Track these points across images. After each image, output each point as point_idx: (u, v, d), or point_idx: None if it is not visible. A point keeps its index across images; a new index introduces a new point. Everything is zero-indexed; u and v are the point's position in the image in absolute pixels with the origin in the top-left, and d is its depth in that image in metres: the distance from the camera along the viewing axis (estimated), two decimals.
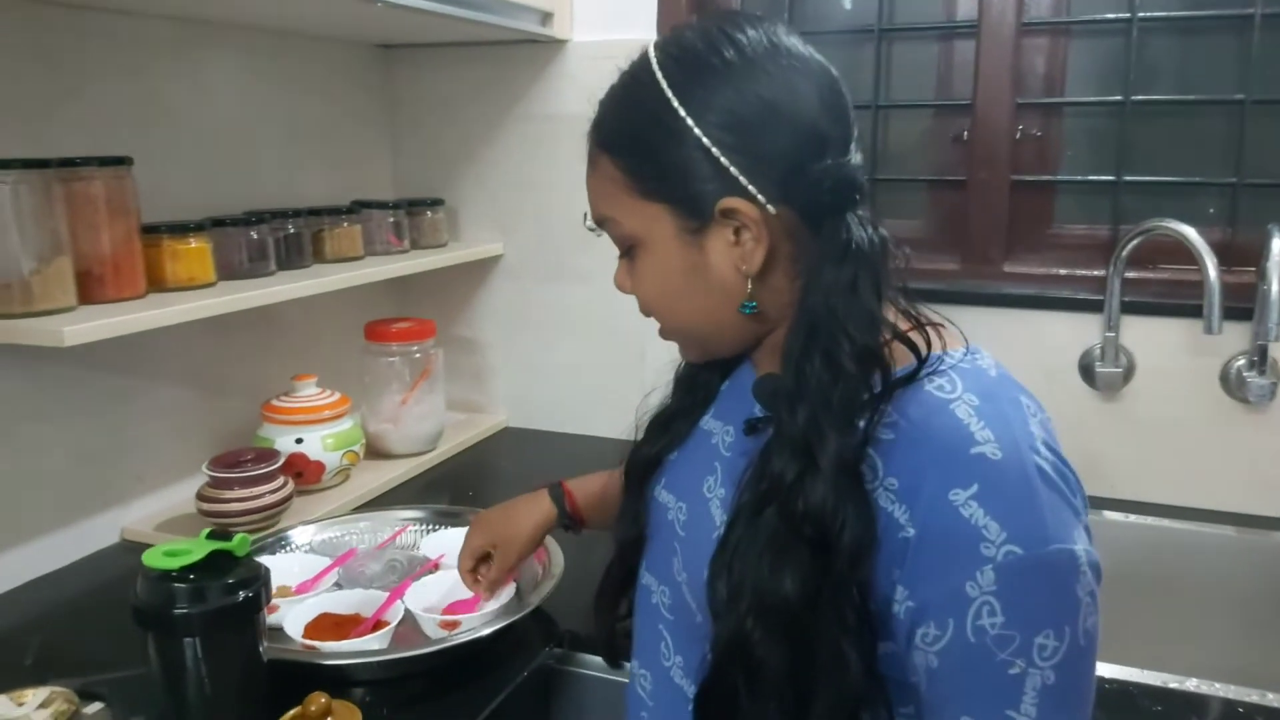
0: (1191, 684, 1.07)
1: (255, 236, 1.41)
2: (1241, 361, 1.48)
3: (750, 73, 0.67)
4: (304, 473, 1.47)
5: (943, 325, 0.72)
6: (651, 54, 0.71)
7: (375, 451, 1.67)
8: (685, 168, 0.68)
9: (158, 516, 1.41)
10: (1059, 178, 1.66)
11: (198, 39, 1.47)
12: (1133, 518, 1.54)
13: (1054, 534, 0.61)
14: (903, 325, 0.69)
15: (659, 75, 0.69)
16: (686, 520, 0.79)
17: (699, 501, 0.77)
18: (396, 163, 1.92)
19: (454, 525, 1.31)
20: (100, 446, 1.36)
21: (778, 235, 0.69)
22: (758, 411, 0.74)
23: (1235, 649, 1.48)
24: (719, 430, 0.80)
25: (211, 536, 0.88)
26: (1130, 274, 1.55)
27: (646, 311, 0.77)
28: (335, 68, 1.76)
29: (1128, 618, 1.55)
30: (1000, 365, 0.72)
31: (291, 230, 1.49)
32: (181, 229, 1.28)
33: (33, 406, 1.27)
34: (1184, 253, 1.40)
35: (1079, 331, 1.57)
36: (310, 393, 1.51)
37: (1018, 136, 1.65)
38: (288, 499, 1.38)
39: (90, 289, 1.18)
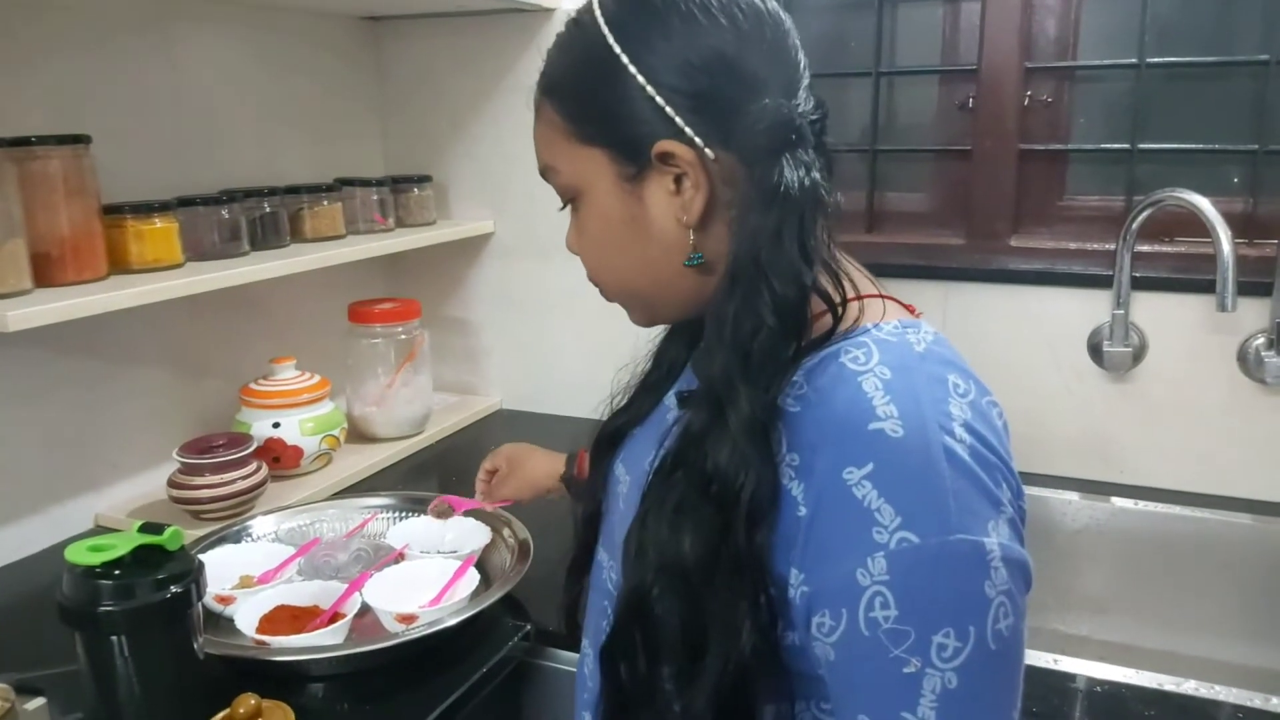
0: (1190, 686, 1.00)
1: (227, 216, 1.37)
2: (1260, 340, 1.40)
3: (691, 12, 0.65)
4: (281, 457, 1.44)
5: (887, 297, 0.69)
6: None
7: (360, 435, 1.64)
8: (622, 109, 0.66)
9: (132, 503, 1.39)
10: (1070, 146, 1.58)
11: (171, 11, 1.43)
12: (1142, 504, 1.47)
13: (956, 523, 0.55)
14: (832, 292, 0.64)
15: (598, 14, 0.67)
16: (627, 493, 0.78)
17: (640, 474, 0.75)
18: (386, 138, 1.87)
19: (424, 513, 1.27)
20: (73, 431, 1.34)
21: (718, 182, 0.66)
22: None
23: (1251, 643, 1.41)
24: (672, 404, 0.78)
25: (144, 529, 0.85)
26: (1144, 248, 1.47)
27: (592, 275, 0.74)
28: (319, 41, 1.72)
29: (1137, 610, 1.48)
30: (940, 340, 0.66)
31: (268, 209, 1.45)
32: (146, 209, 1.25)
33: (0, 391, 1.25)
34: (1201, 225, 1.32)
35: (1088, 309, 1.50)
36: (288, 375, 1.48)
37: (1026, 103, 1.57)
38: (261, 485, 1.35)
39: (48, 271, 1.15)
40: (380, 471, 1.57)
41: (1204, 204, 1.30)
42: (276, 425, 1.43)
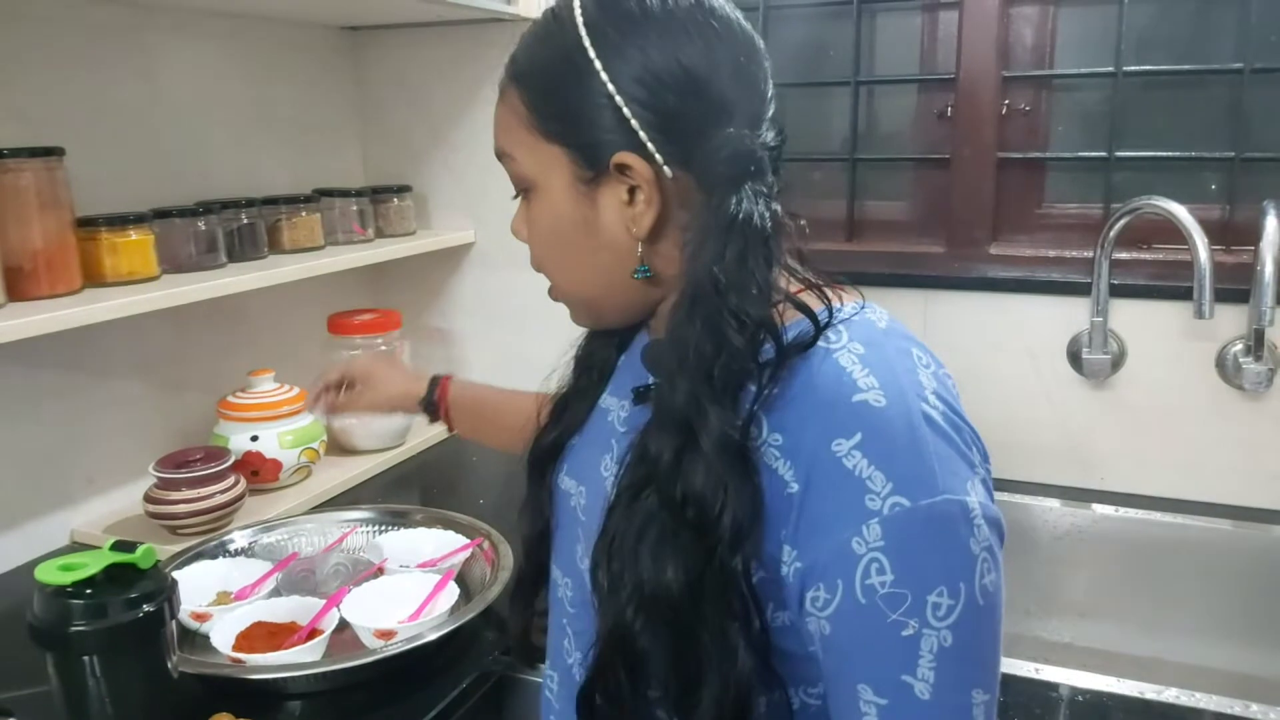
0: (1171, 694, 1.01)
1: (204, 228, 1.36)
2: (1239, 346, 1.41)
3: (669, 28, 0.65)
4: (260, 471, 1.42)
5: (838, 286, 0.69)
6: None
7: (340, 448, 1.62)
8: (588, 114, 0.65)
9: (109, 518, 1.37)
10: (1048, 155, 1.59)
11: (147, 22, 1.41)
12: (1123, 511, 1.48)
13: (943, 484, 0.57)
14: (793, 289, 0.66)
15: (578, 14, 0.66)
16: (586, 504, 0.76)
17: (597, 483, 0.74)
18: (365, 148, 1.86)
19: (405, 526, 1.27)
20: (48, 446, 1.32)
21: (672, 201, 0.66)
22: (651, 380, 0.71)
23: (1232, 648, 1.42)
24: (615, 406, 0.77)
25: (117, 547, 0.84)
26: (1123, 255, 1.48)
27: (538, 264, 0.74)
28: (298, 51, 1.71)
29: (1119, 616, 1.48)
30: (894, 319, 0.68)
31: (245, 221, 1.44)
32: (120, 221, 1.23)
33: None
34: (1178, 232, 1.33)
35: (1068, 316, 1.50)
36: (267, 388, 1.47)
37: (1004, 112, 1.58)
38: (239, 499, 1.33)
39: (21, 285, 1.13)
40: (361, 484, 1.56)
41: (1181, 211, 1.31)
42: (255, 438, 1.42)
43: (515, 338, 1.83)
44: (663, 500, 0.61)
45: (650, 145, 0.64)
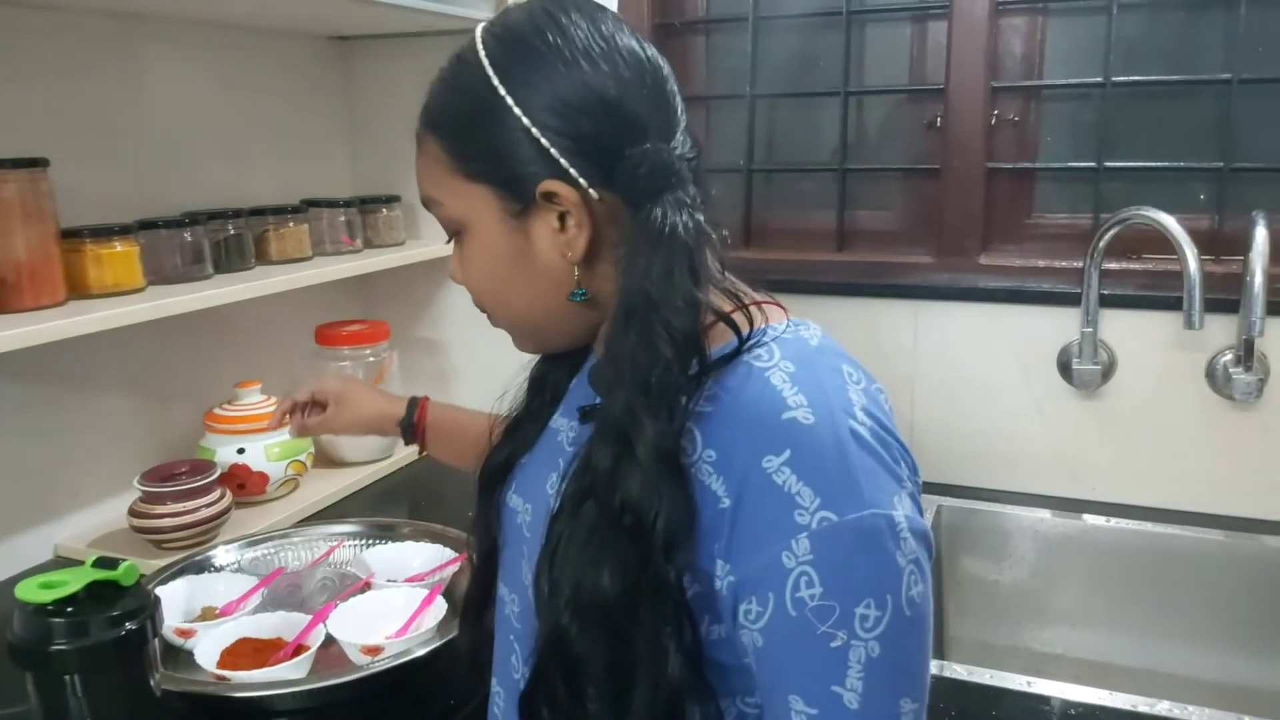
0: (1163, 707, 1.00)
1: (190, 239, 1.35)
2: (1228, 356, 1.41)
3: (571, 57, 0.67)
4: (246, 484, 1.41)
5: (768, 302, 0.72)
6: (478, 35, 0.70)
7: (327, 460, 1.61)
8: (507, 149, 0.67)
9: (93, 532, 1.36)
10: (1037, 165, 1.59)
11: (135, 34, 1.41)
12: (1114, 521, 1.48)
13: (869, 499, 0.59)
14: (725, 306, 0.68)
15: (482, 55, 0.68)
16: (531, 521, 0.77)
17: (542, 500, 0.75)
18: (353, 159, 1.86)
19: (392, 540, 1.25)
20: (32, 459, 1.31)
21: (601, 221, 0.68)
22: (597, 400, 0.71)
23: (1224, 658, 1.41)
24: (564, 426, 0.78)
25: (98, 564, 0.83)
26: (1112, 265, 1.48)
27: (479, 302, 0.76)
28: (286, 61, 1.70)
29: (1111, 627, 1.48)
30: (827, 336, 0.70)
31: (232, 231, 1.43)
32: (106, 232, 1.22)
33: None
34: (1168, 242, 1.33)
35: (1058, 326, 1.50)
36: (253, 400, 1.46)
37: (993, 122, 1.58)
38: (225, 513, 1.32)
39: (4, 297, 1.12)
40: (348, 497, 1.55)
41: (1170, 222, 1.31)
42: (241, 451, 1.41)
43: (504, 349, 1.81)
44: (601, 508, 0.62)
45: (572, 170, 0.66)
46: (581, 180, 0.67)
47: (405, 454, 1.68)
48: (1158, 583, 1.45)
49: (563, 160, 0.66)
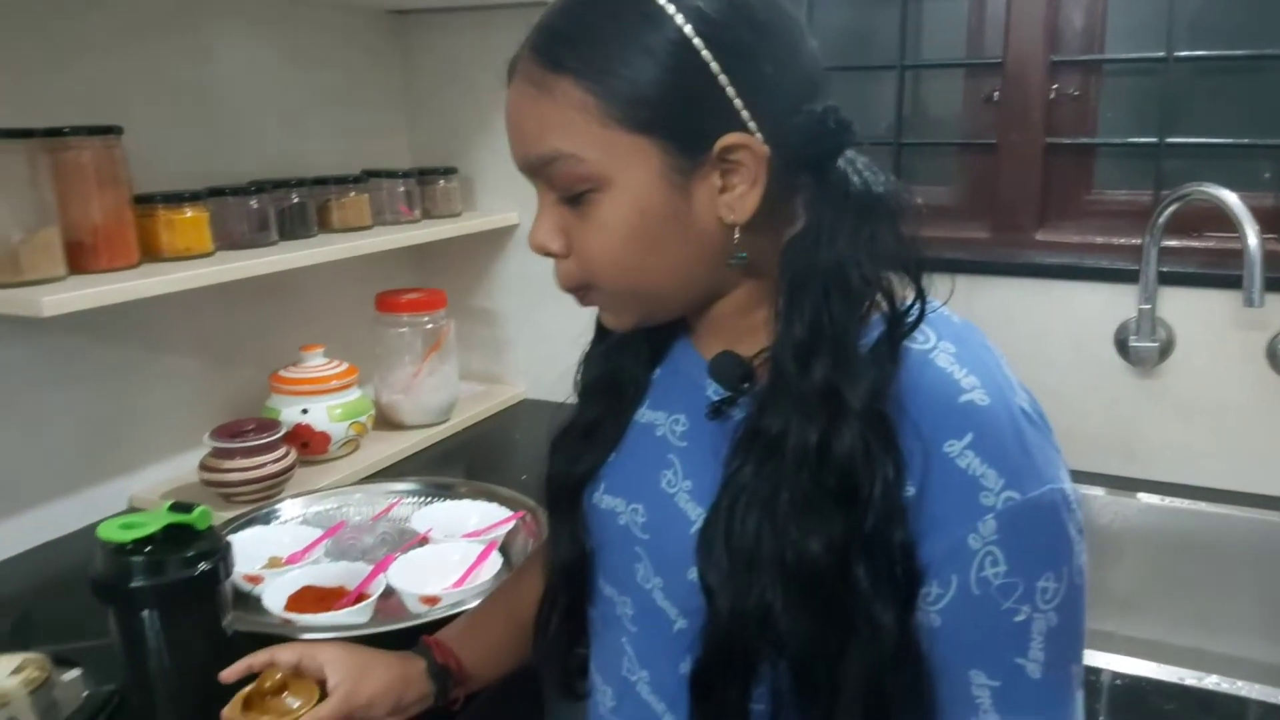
0: (1211, 681, 1.00)
1: (256, 206, 1.39)
2: None
3: (746, 2, 0.62)
4: (310, 443, 1.46)
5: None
6: None
7: (388, 422, 1.66)
8: (683, 95, 0.60)
9: (165, 485, 1.42)
10: (1097, 140, 1.57)
11: (202, 6, 1.45)
12: (1168, 501, 1.46)
13: (1046, 474, 0.60)
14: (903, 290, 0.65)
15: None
16: (647, 522, 0.72)
17: (660, 499, 0.71)
18: (412, 131, 1.89)
19: (450, 498, 1.29)
20: (107, 415, 1.37)
21: (772, 181, 0.63)
22: (712, 394, 0.69)
23: (1276, 642, 1.39)
24: (663, 421, 0.74)
25: (174, 509, 0.87)
26: (1173, 243, 1.46)
27: (587, 274, 0.66)
28: (347, 35, 1.74)
29: (1163, 607, 1.47)
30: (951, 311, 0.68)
31: (296, 200, 1.47)
32: (177, 199, 1.27)
33: (38, 376, 1.27)
34: (1229, 220, 1.31)
35: (1115, 304, 1.49)
36: (317, 363, 1.50)
37: (1052, 96, 1.56)
38: (290, 469, 1.37)
39: (81, 259, 1.17)
40: (407, 458, 1.59)
41: (1232, 199, 1.29)
42: (305, 411, 1.46)
43: (557, 318, 1.84)
44: (807, 471, 0.60)
45: (753, 123, 0.61)
46: (759, 135, 0.61)
47: (459, 420, 1.72)
48: (1212, 564, 1.43)
49: (744, 112, 0.61)
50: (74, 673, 0.94)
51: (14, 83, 1.22)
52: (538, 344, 1.90)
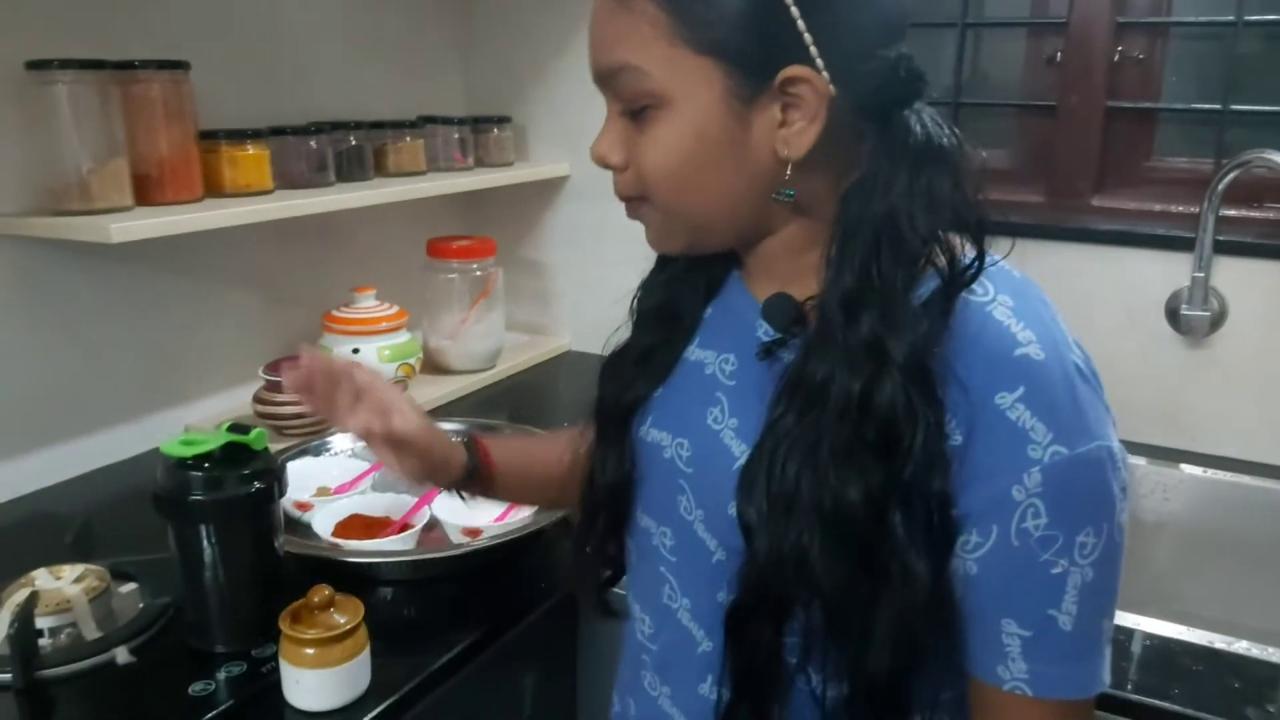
0: (1241, 646, 1.00)
1: (315, 146, 1.42)
2: None
3: None
4: None
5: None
6: None
7: (435, 366, 1.69)
8: (753, 22, 0.61)
9: (220, 416, 1.46)
10: (1159, 105, 1.54)
11: None
12: (1211, 473, 1.45)
13: (1096, 431, 0.61)
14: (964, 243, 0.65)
15: None
16: (692, 456, 0.73)
17: (706, 435, 0.72)
18: (467, 76, 1.91)
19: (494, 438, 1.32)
20: (166, 345, 1.42)
21: (832, 122, 0.62)
22: (762, 335, 0.70)
23: None
24: (712, 360, 0.75)
25: (232, 429, 0.90)
26: (1231, 212, 1.43)
27: (641, 187, 0.67)
28: None
29: (1200, 579, 1.46)
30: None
31: (353, 142, 1.50)
32: (240, 136, 1.30)
33: (102, 303, 1.32)
34: None
35: (1169, 273, 1.46)
36: (369, 305, 1.54)
37: (1116, 59, 1.53)
38: None
39: (147, 191, 1.21)
40: (452, 402, 1.63)
41: None
42: (356, 350, 1.49)
43: (605, 272, 1.86)
44: (847, 420, 0.61)
45: (820, 60, 0.61)
46: (825, 73, 0.61)
47: (504, 367, 1.75)
48: (1251, 537, 1.42)
49: (813, 48, 0.61)
50: (131, 585, 1.00)
51: (89, 17, 1.25)
52: (584, 296, 1.91)
